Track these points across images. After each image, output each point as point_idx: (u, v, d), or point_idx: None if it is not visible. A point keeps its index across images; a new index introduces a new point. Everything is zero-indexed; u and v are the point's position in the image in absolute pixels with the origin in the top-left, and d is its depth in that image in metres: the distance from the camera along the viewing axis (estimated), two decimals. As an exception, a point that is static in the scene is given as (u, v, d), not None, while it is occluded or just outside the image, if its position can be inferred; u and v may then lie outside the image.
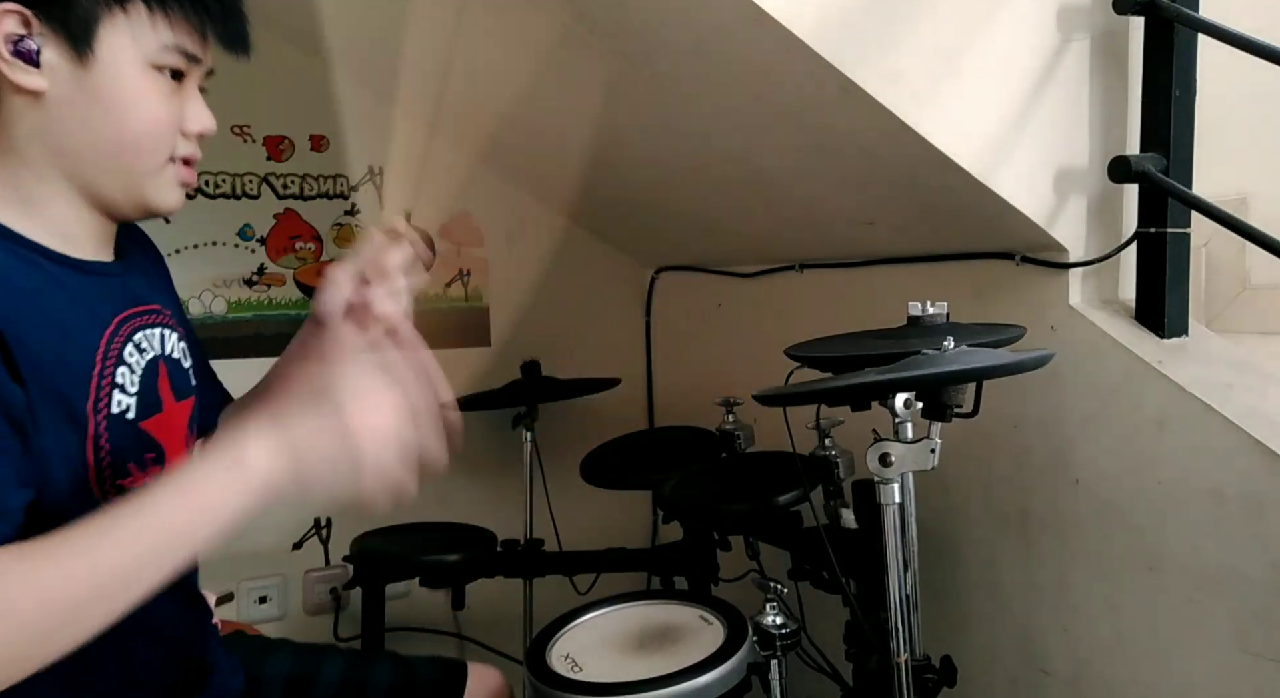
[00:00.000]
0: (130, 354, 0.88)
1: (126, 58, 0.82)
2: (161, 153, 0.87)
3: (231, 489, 0.72)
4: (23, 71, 0.79)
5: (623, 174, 2.00)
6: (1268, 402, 1.19)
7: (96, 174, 0.85)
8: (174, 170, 0.88)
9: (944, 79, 1.25)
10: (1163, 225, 1.30)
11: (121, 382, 0.86)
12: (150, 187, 0.87)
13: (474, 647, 2.27)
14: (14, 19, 0.78)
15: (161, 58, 0.84)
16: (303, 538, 2.09)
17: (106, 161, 0.84)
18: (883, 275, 1.73)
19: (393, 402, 0.78)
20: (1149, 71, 1.32)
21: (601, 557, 1.93)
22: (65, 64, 0.80)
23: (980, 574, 1.56)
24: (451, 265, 2.33)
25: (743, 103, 1.41)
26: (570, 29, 1.42)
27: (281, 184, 2.13)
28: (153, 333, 0.93)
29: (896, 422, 1.06)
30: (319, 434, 0.74)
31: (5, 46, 0.78)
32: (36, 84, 0.80)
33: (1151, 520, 1.27)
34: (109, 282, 0.90)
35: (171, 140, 0.87)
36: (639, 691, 1.17)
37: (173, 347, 0.96)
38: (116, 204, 0.88)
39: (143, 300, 0.94)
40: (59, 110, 0.81)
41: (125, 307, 0.91)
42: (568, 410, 2.24)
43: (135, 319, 0.91)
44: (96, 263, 0.89)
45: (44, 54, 0.80)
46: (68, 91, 0.81)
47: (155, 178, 0.87)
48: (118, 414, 0.85)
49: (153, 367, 0.91)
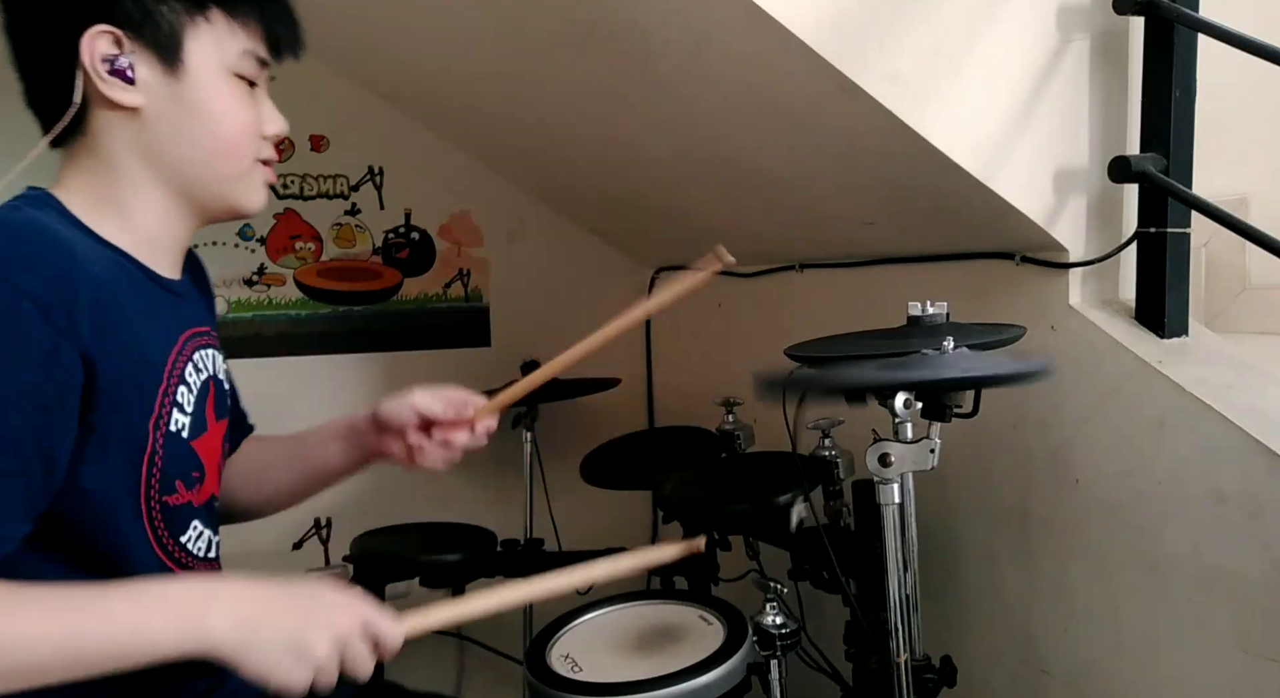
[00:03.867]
0: (190, 374, 0.91)
1: (211, 67, 0.86)
2: (250, 155, 0.91)
3: (182, 641, 0.74)
4: (120, 89, 0.83)
5: (623, 174, 2.00)
6: (1268, 402, 1.19)
7: (193, 180, 0.88)
8: (261, 171, 0.93)
9: (944, 79, 1.25)
10: (1163, 225, 1.30)
11: (181, 401, 0.89)
12: (241, 188, 0.92)
13: (474, 647, 2.27)
14: (106, 39, 0.82)
15: (240, 65, 0.88)
16: (303, 538, 2.09)
17: (203, 168, 0.88)
18: (883, 275, 1.72)
19: (359, 615, 0.79)
20: (1149, 71, 1.32)
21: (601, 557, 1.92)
22: (158, 77, 0.84)
23: (980, 574, 1.56)
24: (451, 265, 2.33)
25: (743, 103, 1.41)
26: (570, 29, 1.42)
27: (282, 184, 2.13)
28: (207, 354, 0.96)
29: (896, 422, 1.06)
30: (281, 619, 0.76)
31: (101, 66, 0.82)
32: (134, 100, 0.83)
33: (1151, 521, 1.27)
34: (179, 300, 0.94)
35: (257, 143, 0.91)
36: (639, 691, 1.17)
37: (218, 368, 0.99)
38: (209, 208, 0.92)
39: (200, 321, 0.97)
40: (155, 122, 0.85)
41: (188, 326, 0.94)
42: (568, 410, 2.24)
43: (195, 339, 0.94)
44: (171, 281, 0.93)
45: (138, 70, 0.83)
46: (162, 104, 0.85)
47: (246, 180, 0.92)
48: (174, 432, 0.87)
49: (205, 387, 0.94)
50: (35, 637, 0.70)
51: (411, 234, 2.28)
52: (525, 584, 0.91)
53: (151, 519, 0.85)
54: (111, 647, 0.72)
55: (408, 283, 2.29)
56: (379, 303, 2.26)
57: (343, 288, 2.22)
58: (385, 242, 2.25)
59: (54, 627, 0.71)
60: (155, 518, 0.86)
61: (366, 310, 2.25)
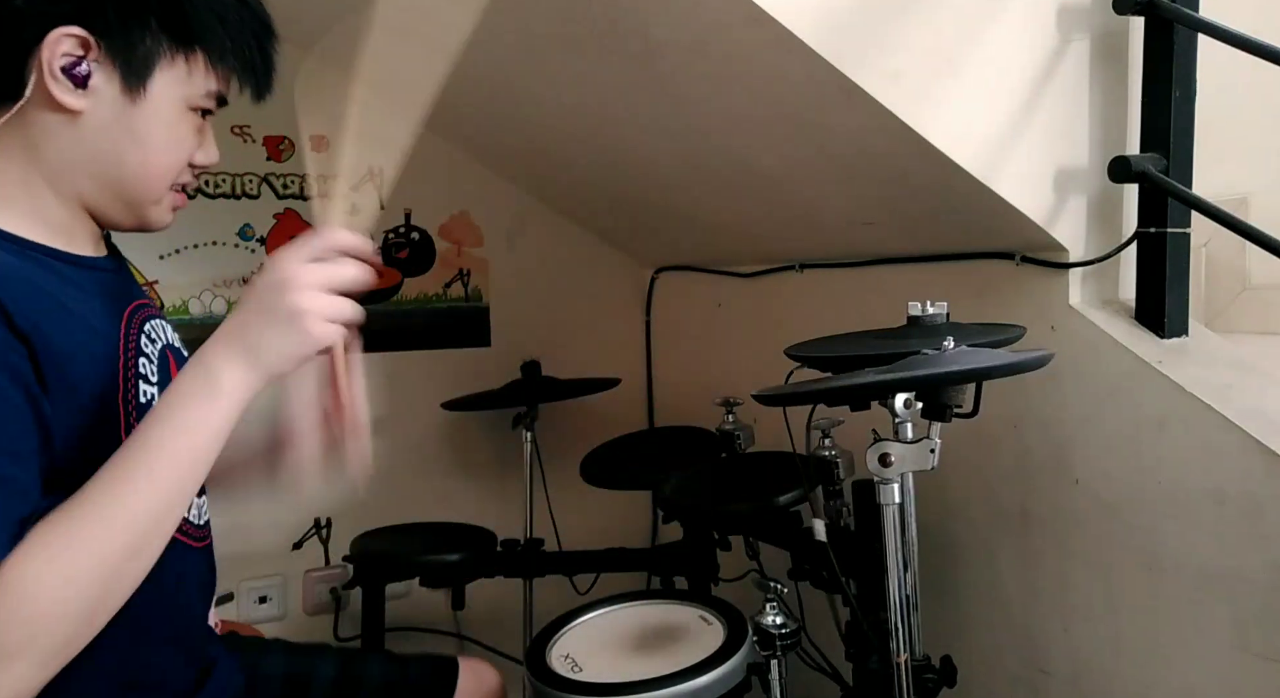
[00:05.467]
0: (145, 345, 0.91)
1: (172, 100, 0.86)
2: (166, 184, 0.90)
3: (216, 410, 0.77)
4: (67, 91, 0.81)
5: (623, 174, 2.00)
6: (1268, 402, 1.19)
7: (101, 195, 0.88)
8: (170, 197, 0.92)
9: (944, 79, 1.25)
10: (1163, 225, 1.30)
11: (144, 372, 0.89)
12: (149, 211, 0.91)
13: (474, 647, 2.27)
14: (72, 41, 0.81)
15: (201, 101, 0.88)
16: (303, 538, 2.09)
17: (115, 187, 0.87)
18: (883, 275, 1.73)
19: (306, 252, 0.81)
20: (1149, 71, 1.32)
21: (601, 557, 1.93)
22: (114, 94, 0.83)
23: (980, 574, 1.56)
24: (451, 265, 2.33)
25: (742, 103, 1.42)
26: (570, 29, 1.42)
27: (282, 184, 2.13)
28: (156, 324, 0.96)
29: (896, 422, 1.06)
30: (266, 317, 0.78)
31: (56, 64, 0.81)
32: (76, 105, 0.82)
33: (1151, 521, 1.27)
34: (111, 276, 0.93)
35: (179, 173, 0.91)
36: (639, 691, 1.17)
37: (171, 336, 0.99)
38: (113, 220, 0.91)
39: (136, 295, 0.97)
40: (89, 132, 0.84)
41: (129, 300, 0.93)
42: (568, 410, 2.24)
43: (140, 311, 0.94)
44: (97, 259, 0.92)
45: (93, 79, 0.82)
46: (105, 119, 0.84)
47: (155, 204, 0.91)
48: (146, 403, 0.88)
49: (164, 355, 0.94)
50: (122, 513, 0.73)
51: (411, 234, 2.28)
52: None
53: None
54: (176, 469, 0.75)
55: (408, 283, 2.28)
56: (379, 303, 2.26)
57: (343, 288, 2.22)
58: (385, 242, 2.25)
59: (124, 496, 0.73)
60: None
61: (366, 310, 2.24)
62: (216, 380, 0.77)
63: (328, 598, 2.12)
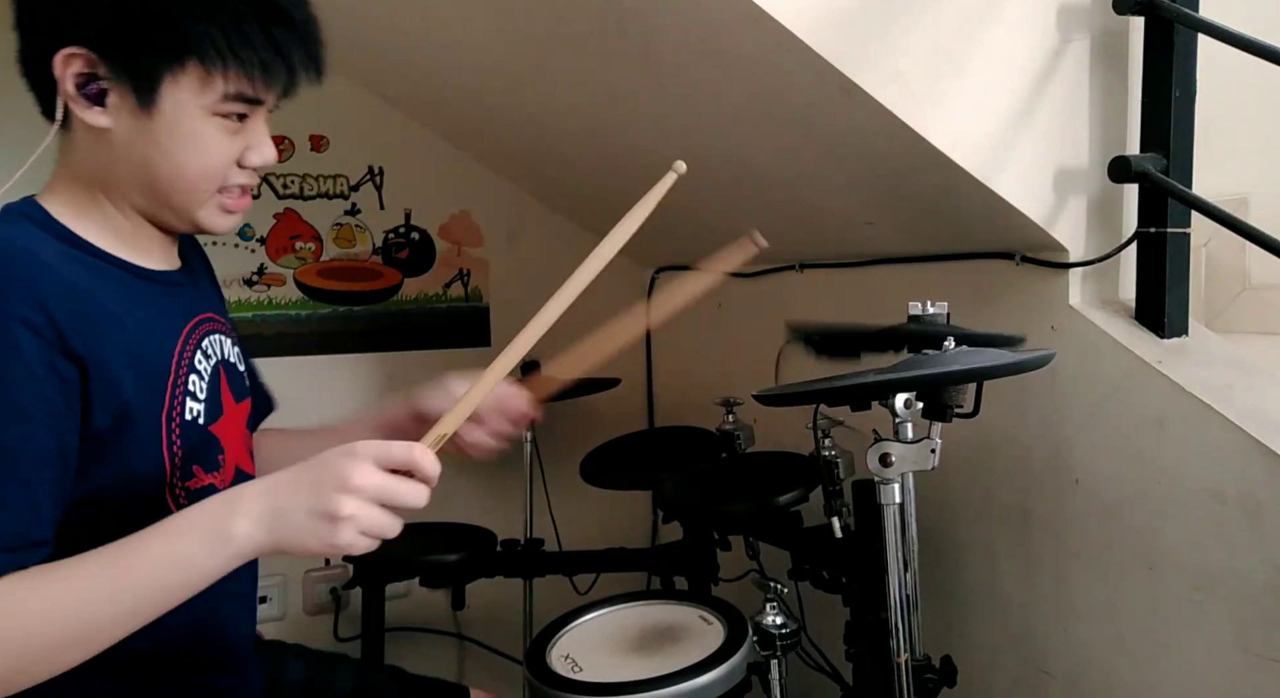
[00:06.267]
0: (200, 361, 0.93)
1: (189, 110, 0.85)
2: (207, 189, 0.89)
3: (215, 555, 0.76)
4: (85, 109, 0.83)
5: (623, 174, 1.99)
6: (1268, 402, 1.19)
7: (151, 203, 0.89)
8: (218, 199, 0.91)
9: (944, 79, 1.25)
10: (1163, 225, 1.30)
11: (193, 389, 0.90)
12: (200, 214, 0.91)
13: (474, 647, 2.27)
14: (80, 62, 0.82)
15: (224, 106, 0.86)
16: (303, 538, 2.09)
17: (160, 196, 0.88)
18: (883, 275, 1.73)
19: (368, 456, 0.78)
20: (1149, 71, 1.32)
21: (601, 557, 1.93)
22: (130, 110, 0.83)
23: (980, 574, 1.56)
24: (451, 265, 2.33)
25: (743, 103, 1.41)
26: (570, 29, 1.42)
27: (281, 184, 2.13)
28: (215, 339, 0.97)
29: (897, 422, 1.06)
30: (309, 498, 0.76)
31: (72, 85, 0.82)
32: (101, 122, 0.83)
33: (1151, 521, 1.27)
34: (178, 291, 0.95)
35: (223, 176, 0.89)
36: (639, 691, 1.17)
37: (228, 351, 1.00)
38: (171, 225, 0.92)
39: (205, 308, 0.98)
40: (122, 148, 0.85)
41: (193, 315, 0.95)
42: (568, 410, 2.24)
43: (201, 326, 0.95)
44: (166, 272, 0.94)
45: (109, 97, 0.83)
46: (130, 134, 0.84)
47: (203, 208, 0.90)
48: (190, 421, 0.89)
49: (216, 372, 0.95)
50: (87, 597, 0.74)
51: (411, 234, 2.28)
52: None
53: (178, 505, 0.87)
54: (156, 582, 0.75)
55: (408, 283, 2.28)
56: (379, 303, 2.26)
57: (343, 288, 2.22)
58: (385, 242, 2.25)
59: (99, 582, 0.74)
60: (181, 504, 0.88)
61: (366, 310, 2.24)
62: (231, 527, 0.76)
63: (328, 598, 2.12)
